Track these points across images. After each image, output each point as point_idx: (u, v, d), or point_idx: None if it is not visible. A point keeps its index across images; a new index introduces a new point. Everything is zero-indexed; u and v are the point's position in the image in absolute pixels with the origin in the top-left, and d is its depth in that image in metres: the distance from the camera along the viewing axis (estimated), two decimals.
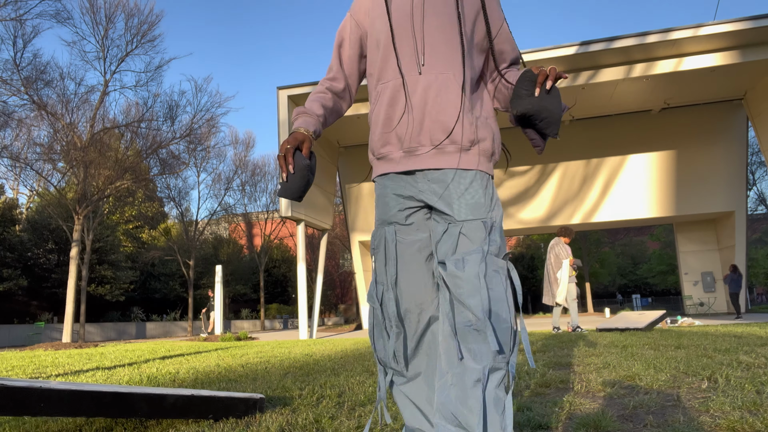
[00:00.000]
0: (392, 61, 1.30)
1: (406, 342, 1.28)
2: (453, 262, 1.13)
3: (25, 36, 14.32)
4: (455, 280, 1.11)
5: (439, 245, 1.19)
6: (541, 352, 4.58)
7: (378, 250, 1.33)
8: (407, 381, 1.28)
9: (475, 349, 1.08)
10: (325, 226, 15.11)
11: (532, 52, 12.08)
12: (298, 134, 1.28)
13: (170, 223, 34.99)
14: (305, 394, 2.71)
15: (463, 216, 1.18)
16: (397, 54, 1.29)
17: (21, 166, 18.68)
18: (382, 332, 1.29)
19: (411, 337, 1.28)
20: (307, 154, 1.27)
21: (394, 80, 1.29)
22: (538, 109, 1.17)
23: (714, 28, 11.21)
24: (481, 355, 1.07)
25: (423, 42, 1.27)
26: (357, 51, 1.42)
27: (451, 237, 1.17)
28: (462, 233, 1.16)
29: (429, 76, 1.25)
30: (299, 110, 1.36)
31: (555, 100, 1.17)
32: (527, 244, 46.80)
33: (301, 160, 1.25)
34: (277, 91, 13.59)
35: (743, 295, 16.35)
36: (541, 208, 17.25)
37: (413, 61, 1.27)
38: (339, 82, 1.44)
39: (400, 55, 1.28)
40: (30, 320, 23.54)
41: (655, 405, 2.08)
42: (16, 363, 6.18)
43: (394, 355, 1.28)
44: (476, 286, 1.09)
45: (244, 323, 33.32)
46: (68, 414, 1.56)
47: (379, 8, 1.34)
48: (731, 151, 16.24)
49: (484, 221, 1.17)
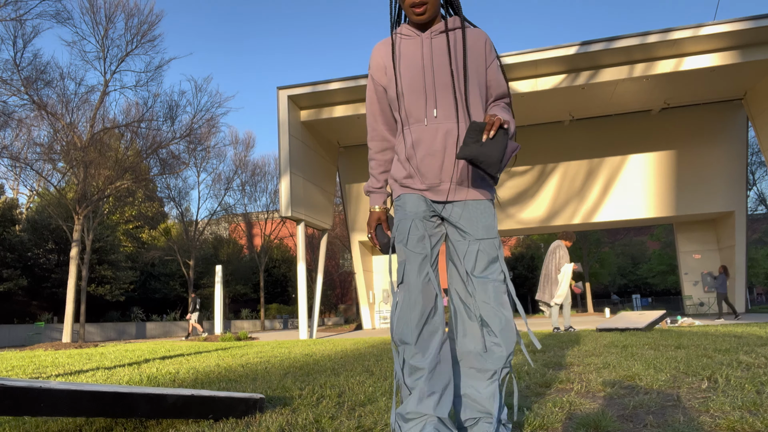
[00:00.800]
0: (414, 113, 1.58)
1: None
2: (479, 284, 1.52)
3: (25, 36, 14.33)
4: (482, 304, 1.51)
5: (465, 259, 1.55)
6: (541, 352, 4.58)
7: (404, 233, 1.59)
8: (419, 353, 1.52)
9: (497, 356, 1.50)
10: (325, 226, 15.11)
11: (532, 52, 12.08)
12: (374, 214, 1.69)
13: (170, 223, 35.00)
14: (305, 394, 2.71)
15: (480, 235, 1.55)
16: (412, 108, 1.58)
17: (21, 166, 18.68)
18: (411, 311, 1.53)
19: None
20: (386, 228, 1.65)
21: (416, 126, 1.58)
22: (477, 155, 1.38)
23: (714, 28, 11.21)
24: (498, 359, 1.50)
25: (435, 97, 1.56)
26: (386, 102, 1.70)
27: (472, 253, 1.54)
28: (480, 250, 1.54)
29: (444, 124, 1.55)
30: (368, 188, 1.72)
31: (496, 146, 1.38)
32: (527, 244, 46.80)
33: (382, 238, 1.65)
34: (277, 91, 13.59)
35: (743, 295, 16.36)
36: (541, 208, 17.25)
37: (429, 112, 1.56)
38: (386, 140, 1.73)
39: (417, 109, 1.57)
40: (30, 320, 23.54)
41: (655, 405, 2.08)
42: (16, 363, 6.19)
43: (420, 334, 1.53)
44: (496, 313, 1.49)
45: (244, 323, 33.32)
46: (68, 414, 1.56)
47: (395, 67, 1.61)
48: (731, 151, 16.25)
49: (495, 240, 1.55)
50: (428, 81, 1.55)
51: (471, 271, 1.53)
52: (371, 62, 1.68)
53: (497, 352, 1.48)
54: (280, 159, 13.23)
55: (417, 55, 1.58)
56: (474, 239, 1.54)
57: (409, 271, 1.54)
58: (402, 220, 1.59)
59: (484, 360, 1.50)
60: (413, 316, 1.51)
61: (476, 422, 1.51)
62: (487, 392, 1.49)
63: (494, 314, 1.48)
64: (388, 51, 1.64)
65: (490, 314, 1.49)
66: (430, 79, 1.55)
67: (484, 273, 1.52)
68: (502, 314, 1.48)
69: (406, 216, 1.58)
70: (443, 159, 1.54)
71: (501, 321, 1.48)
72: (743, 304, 16.42)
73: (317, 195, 14.71)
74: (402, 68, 1.59)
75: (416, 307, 1.51)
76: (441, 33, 1.59)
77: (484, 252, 1.53)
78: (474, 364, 1.52)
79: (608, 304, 41.89)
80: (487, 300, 1.49)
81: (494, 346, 1.48)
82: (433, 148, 1.54)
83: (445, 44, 1.57)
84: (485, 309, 1.50)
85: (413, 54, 1.59)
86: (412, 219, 1.58)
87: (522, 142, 17.26)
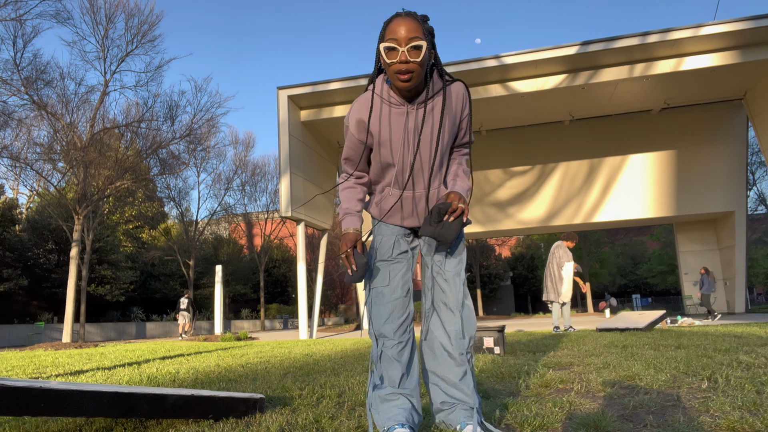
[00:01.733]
0: (388, 178, 1.76)
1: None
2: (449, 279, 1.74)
3: (25, 36, 14.32)
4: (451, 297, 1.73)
5: (436, 259, 1.78)
6: (541, 352, 4.58)
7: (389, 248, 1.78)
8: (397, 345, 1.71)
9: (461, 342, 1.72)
10: (325, 226, 15.11)
11: (532, 52, 12.08)
12: (350, 235, 1.68)
13: (170, 223, 34.99)
14: (305, 394, 2.71)
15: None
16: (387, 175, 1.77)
17: (21, 166, 18.69)
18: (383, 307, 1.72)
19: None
20: (360, 250, 1.66)
21: (390, 194, 1.77)
22: (435, 236, 1.62)
23: (714, 28, 11.21)
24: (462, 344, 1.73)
25: (412, 169, 1.71)
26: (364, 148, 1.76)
27: (440, 252, 1.77)
28: (449, 251, 1.76)
29: (418, 192, 1.76)
30: (343, 211, 1.76)
31: (451, 229, 1.61)
32: (527, 244, 46.82)
33: (360, 259, 1.63)
34: (277, 91, 13.59)
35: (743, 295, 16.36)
36: (541, 208, 17.25)
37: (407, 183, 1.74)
38: (363, 178, 1.82)
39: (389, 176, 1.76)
40: (30, 320, 23.55)
41: (655, 405, 2.08)
42: (16, 363, 6.19)
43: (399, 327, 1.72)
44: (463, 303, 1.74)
45: (244, 323, 33.32)
46: (68, 414, 1.56)
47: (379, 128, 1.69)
48: (731, 151, 16.25)
49: (462, 241, 1.80)
50: (408, 154, 1.69)
51: (441, 266, 1.76)
52: (350, 116, 1.71)
53: (460, 339, 1.70)
54: (280, 159, 13.23)
55: (401, 128, 1.66)
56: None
57: (383, 267, 1.75)
58: (385, 237, 1.79)
59: (453, 346, 1.70)
60: (387, 311, 1.71)
61: (453, 409, 1.69)
62: (457, 375, 1.68)
63: (461, 304, 1.73)
64: (367, 109, 1.68)
65: (458, 304, 1.72)
66: (411, 151, 1.69)
67: (451, 267, 1.74)
68: (467, 304, 1.74)
69: (390, 234, 1.79)
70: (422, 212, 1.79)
71: (467, 310, 1.73)
72: (743, 304, 16.42)
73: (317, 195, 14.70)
74: (382, 137, 1.68)
75: (393, 302, 1.72)
76: (424, 102, 1.67)
77: (453, 253, 1.77)
78: (444, 350, 1.71)
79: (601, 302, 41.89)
80: (456, 292, 1.72)
81: (458, 332, 1.70)
82: (405, 213, 1.78)
83: (428, 116, 1.67)
84: (452, 299, 1.72)
85: (398, 126, 1.66)
86: (395, 236, 1.78)
87: (522, 142, 17.28)
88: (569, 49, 11.89)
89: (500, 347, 4.66)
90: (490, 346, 4.72)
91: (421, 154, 1.70)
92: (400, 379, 1.68)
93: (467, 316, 1.73)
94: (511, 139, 17.20)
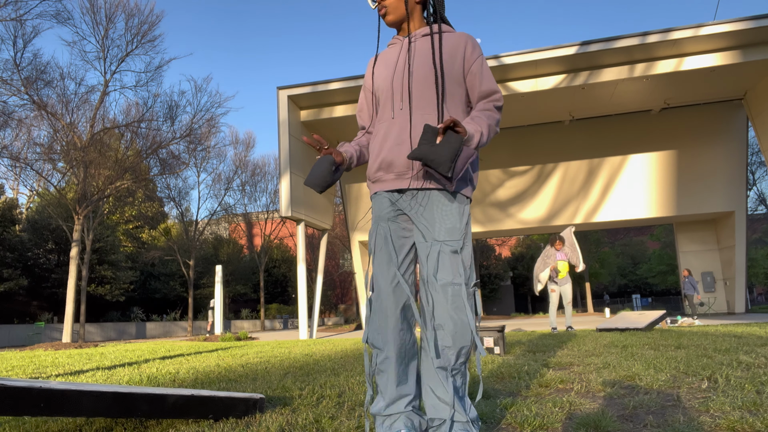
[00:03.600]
0: (384, 108, 1.69)
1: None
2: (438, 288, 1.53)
3: (25, 36, 14.31)
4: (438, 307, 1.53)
5: (427, 262, 1.56)
6: (541, 352, 4.58)
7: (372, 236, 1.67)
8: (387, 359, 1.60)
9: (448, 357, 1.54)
10: (325, 226, 15.11)
11: (532, 52, 12.08)
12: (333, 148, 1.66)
13: (170, 223, 34.97)
14: (305, 394, 2.71)
15: (441, 237, 1.56)
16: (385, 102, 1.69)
17: (21, 166, 18.69)
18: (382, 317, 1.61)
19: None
20: (339, 160, 1.63)
21: (386, 121, 1.67)
22: (427, 154, 1.41)
23: (714, 28, 11.20)
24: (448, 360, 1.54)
25: (409, 92, 1.63)
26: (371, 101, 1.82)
27: (433, 256, 1.55)
28: (441, 251, 1.55)
29: (415, 116, 1.62)
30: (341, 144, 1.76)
31: (447, 147, 1.40)
32: (527, 244, 46.79)
33: (328, 157, 1.60)
34: (277, 91, 13.58)
35: (743, 295, 16.36)
36: (541, 208, 17.24)
37: (396, 106, 1.65)
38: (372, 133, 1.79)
39: (386, 104, 1.68)
40: (30, 320, 23.55)
41: (655, 405, 2.08)
42: (16, 363, 6.19)
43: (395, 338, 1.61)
44: (450, 316, 1.52)
45: (244, 323, 33.31)
46: (68, 414, 1.56)
47: (376, 69, 1.76)
48: (731, 151, 16.24)
49: (458, 242, 1.55)
50: (398, 79, 1.66)
51: (431, 274, 1.55)
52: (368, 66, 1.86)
53: (447, 354, 1.52)
54: (280, 159, 13.23)
55: (393, 58, 1.72)
56: (434, 241, 1.56)
57: (377, 275, 1.62)
58: (372, 224, 1.70)
59: (440, 360, 1.55)
60: (383, 323, 1.60)
61: (441, 424, 1.55)
62: (444, 390, 1.53)
63: (448, 317, 1.51)
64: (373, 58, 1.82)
65: (445, 317, 1.52)
66: (402, 77, 1.65)
67: (442, 276, 1.53)
68: (456, 318, 1.51)
69: (374, 219, 1.69)
70: (411, 148, 1.59)
71: (455, 324, 1.51)
72: (743, 304, 16.42)
73: (317, 195, 14.70)
74: (379, 70, 1.75)
75: (386, 313, 1.60)
76: (423, 36, 1.70)
77: (445, 254, 1.54)
78: (432, 364, 1.57)
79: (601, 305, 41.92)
80: (444, 303, 1.52)
81: (446, 348, 1.52)
82: (401, 138, 1.61)
83: (423, 46, 1.67)
84: (439, 312, 1.53)
85: (391, 56, 1.74)
86: (377, 222, 1.67)
87: (522, 142, 17.26)
88: (569, 49, 11.88)
89: (500, 347, 4.67)
90: (490, 346, 4.72)
91: (405, 80, 1.65)
92: (398, 384, 1.62)
93: (454, 330, 1.51)
94: (511, 139, 17.19)
